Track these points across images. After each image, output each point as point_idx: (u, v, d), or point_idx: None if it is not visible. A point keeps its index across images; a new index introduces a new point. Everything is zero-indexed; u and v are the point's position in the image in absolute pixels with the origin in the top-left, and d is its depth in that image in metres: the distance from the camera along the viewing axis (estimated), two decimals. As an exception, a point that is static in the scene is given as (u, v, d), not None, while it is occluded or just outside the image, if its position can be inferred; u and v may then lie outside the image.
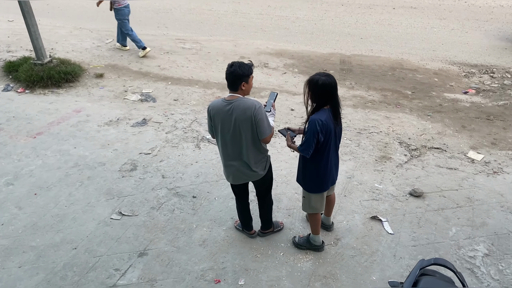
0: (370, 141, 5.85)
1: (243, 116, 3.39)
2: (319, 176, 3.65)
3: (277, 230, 4.32)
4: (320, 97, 3.38)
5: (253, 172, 3.69)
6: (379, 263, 3.96)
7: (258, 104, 3.42)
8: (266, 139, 3.54)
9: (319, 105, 3.41)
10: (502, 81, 7.69)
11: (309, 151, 3.43)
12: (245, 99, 3.43)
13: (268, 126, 3.47)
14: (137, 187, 4.98)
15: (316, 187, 3.72)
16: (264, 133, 3.47)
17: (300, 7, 12.04)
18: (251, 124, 3.42)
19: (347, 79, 7.83)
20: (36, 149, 5.69)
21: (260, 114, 3.40)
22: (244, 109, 3.38)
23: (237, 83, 3.40)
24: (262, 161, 3.71)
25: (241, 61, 3.45)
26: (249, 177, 3.77)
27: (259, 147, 3.61)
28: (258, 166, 3.69)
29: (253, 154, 3.61)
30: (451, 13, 11.01)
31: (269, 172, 3.87)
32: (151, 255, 4.08)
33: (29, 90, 7.32)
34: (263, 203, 4.10)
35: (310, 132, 3.36)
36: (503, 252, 4.05)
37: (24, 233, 4.33)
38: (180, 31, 10.46)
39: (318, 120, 3.33)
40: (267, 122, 3.46)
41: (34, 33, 7.36)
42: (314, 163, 3.59)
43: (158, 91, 7.38)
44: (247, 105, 3.39)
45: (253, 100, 3.44)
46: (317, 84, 3.33)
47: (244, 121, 3.41)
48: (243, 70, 3.37)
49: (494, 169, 5.25)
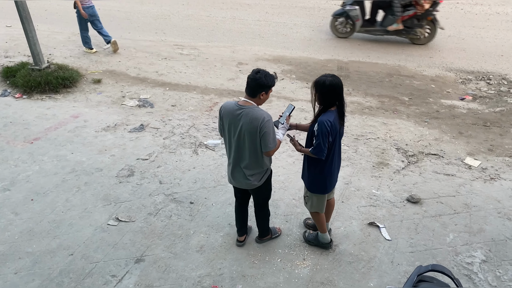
0: (367, 147, 5.86)
1: (250, 125, 3.37)
2: (323, 177, 3.70)
3: (275, 237, 4.30)
4: (328, 97, 3.42)
5: (247, 180, 3.67)
6: (376, 270, 3.95)
7: (268, 117, 3.38)
8: (269, 153, 3.51)
9: (326, 106, 3.45)
10: (498, 87, 7.73)
11: (324, 152, 3.47)
12: (256, 109, 3.40)
13: (273, 141, 3.44)
14: (134, 193, 4.97)
15: (319, 188, 3.76)
16: (267, 147, 3.44)
17: (298, 13, 12.09)
18: (257, 135, 3.40)
19: (345, 85, 7.76)
20: (33, 155, 5.67)
21: (267, 127, 3.36)
22: (252, 119, 3.35)
23: (258, 91, 3.37)
24: (258, 173, 3.68)
25: (267, 71, 3.39)
26: (243, 185, 3.75)
27: (259, 159, 3.58)
28: (253, 177, 3.66)
29: (251, 164, 3.59)
30: (447, 20, 11.06)
31: (266, 185, 3.82)
32: (148, 261, 4.06)
33: (27, 95, 7.31)
34: (259, 213, 4.08)
35: (321, 134, 3.40)
36: (501, 258, 4.05)
37: (20, 239, 4.31)
38: (178, 37, 10.48)
39: (327, 121, 3.37)
40: (272, 136, 3.43)
41: (32, 38, 7.37)
42: (320, 164, 3.62)
43: (156, 96, 7.39)
44: (256, 116, 3.35)
45: (263, 112, 3.40)
46: (325, 84, 3.36)
47: (250, 130, 3.39)
48: (268, 80, 3.34)
49: (491, 175, 5.27)
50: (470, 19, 11.39)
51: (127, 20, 11.69)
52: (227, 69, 8.60)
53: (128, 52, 9.19)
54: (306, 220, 4.48)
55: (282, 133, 3.66)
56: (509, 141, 5.99)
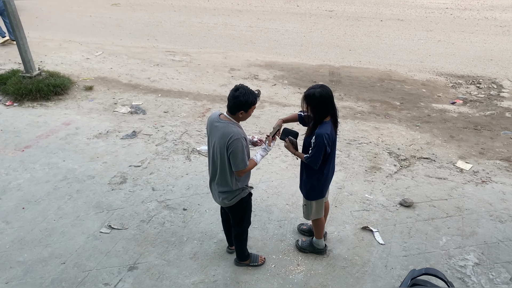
0: (359, 151, 5.88)
1: (220, 141, 3.28)
2: (320, 184, 3.72)
3: (253, 265, 4.02)
4: (320, 109, 3.41)
5: (219, 198, 3.57)
6: (370, 274, 3.95)
7: (236, 136, 3.23)
8: (237, 173, 3.39)
9: (321, 117, 3.44)
10: (488, 91, 7.82)
11: (318, 163, 3.50)
12: (230, 125, 3.28)
13: (241, 161, 3.29)
14: (126, 200, 4.94)
15: (317, 194, 3.78)
16: (236, 166, 3.31)
17: (289, 19, 12.16)
18: (225, 152, 3.29)
19: (336, 91, 7.89)
20: (24, 163, 5.62)
21: (234, 146, 3.22)
22: (222, 135, 3.26)
23: (236, 110, 3.26)
24: (228, 193, 3.52)
25: (248, 88, 3.26)
26: (218, 201, 3.66)
27: (227, 177, 3.43)
28: (223, 194, 3.53)
29: (221, 182, 3.48)
30: (437, 25, 11.19)
31: (238, 207, 3.64)
32: (141, 269, 4.03)
33: (18, 103, 7.26)
34: (234, 233, 3.88)
35: (318, 147, 3.40)
36: (493, 261, 4.08)
37: (12, 248, 4.26)
38: (170, 43, 10.49)
39: (325, 135, 3.38)
40: (241, 156, 3.28)
41: (23, 45, 7.33)
42: (319, 172, 3.64)
43: (148, 103, 7.37)
44: (226, 132, 3.25)
45: (234, 130, 3.26)
46: (315, 97, 3.35)
47: (220, 146, 3.30)
48: (246, 99, 3.20)
49: (483, 178, 5.31)
50: (459, 24, 11.53)
51: (119, 26, 11.69)
52: (219, 75, 8.62)
53: (120, 59, 9.17)
54: (301, 226, 4.47)
55: (261, 155, 3.53)
56: (499, 144, 6.05)
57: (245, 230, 3.87)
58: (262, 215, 4.67)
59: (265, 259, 4.10)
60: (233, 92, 3.24)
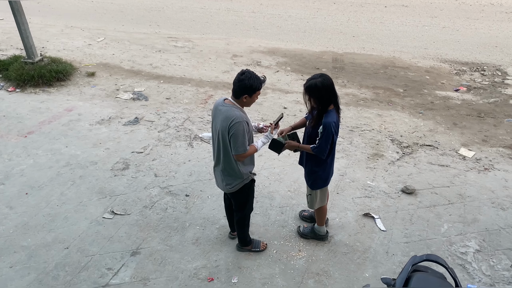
0: (362, 138, 5.87)
1: (222, 124, 3.28)
2: (325, 172, 3.74)
3: (255, 250, 4.07)
4: (323, 98, 3.38)
5: (223, 183, 3.59)
6: (371, 260, 3.97)
7: (238, 119, 3.23)
8: (237, 157, 3.38)
9: (325, 106, 3.42)
10: (492, 78, 7.75)
11: (326, 152, 3.49)
12: (233, 108, 3.28)
13: (241, 144, 3.29)
14: (129, 186, 4.96)
15: (322, 183, 3.80)
16: (236, 150, 3.31)
17: (292, 5, 12.04)
18: (226, 135, 3.30)
19: (340, 77, 7.85)
20: (27, 148, 5.64)
21: (235, 129, 3.22)
22: (225, 118, 3.26)
23: (241, 94, 3.26)
24: (232, 179, 3.53)
25: (254, 73, 3.25)
26: (221, 187, 3.68)
27: (232, 163, 3.44)
28: (227, 181, 3.55)
29: (225, 168, 3.49)
30: (442, 11, 11.07)
31: (241, 193, 3.65)
32: (143, 254, 4.06)
33: (20, 89, 7.26)
34: (236, 219, 3.90)
35: (327, 136, 3.40)
36: (494, 248, 4.09)
37: (15, 233, 4.29)
38: (172, 29, 10.42)
39: (332, 123, 3.38)
40: (241, 140, 3.27)
41: (25, 31, 7.30)
42: (323, 161, 3.64)
43: (150, 89, 7.35)
44: (228, 115, 3.24)
45: (237, 113, 3.26)
46: (317, 87, 3.32)
47: (222, 130, 3.30)
48: (251, 83, 3.20)
49: (485, 166, 5.30)
50: (464, 10, 11.40)
51: (121, 12, 11.61)
52: (222, 61, 8.57)
53: (122, 45, 9.13)
54: (302, 212, 4.49)
55: (262, 141, 3.52)
56: (503, 132, 6.02)
57: (247, 216, 3.89)
58: (264, 201, 4.69)
59: (266, 245, 4.14)
60: (239, 76, 3.24)
